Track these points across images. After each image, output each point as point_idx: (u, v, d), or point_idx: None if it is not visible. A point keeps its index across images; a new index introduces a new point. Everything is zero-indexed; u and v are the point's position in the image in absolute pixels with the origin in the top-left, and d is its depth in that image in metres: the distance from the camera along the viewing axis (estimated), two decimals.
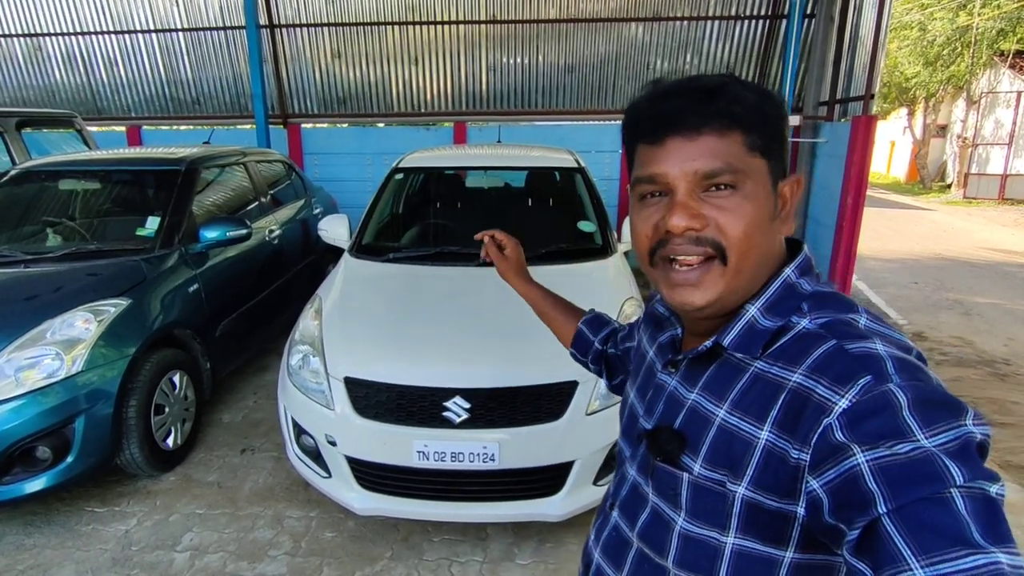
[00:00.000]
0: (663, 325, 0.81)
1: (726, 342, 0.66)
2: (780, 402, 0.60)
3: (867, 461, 0.51)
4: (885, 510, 0.49)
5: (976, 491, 0.49)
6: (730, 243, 0.62)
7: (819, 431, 0.55)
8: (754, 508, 0.61)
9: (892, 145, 24.34)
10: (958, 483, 0.49)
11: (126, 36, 6.82)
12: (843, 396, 0.55)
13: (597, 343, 1.09)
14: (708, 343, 0.67)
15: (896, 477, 0.50)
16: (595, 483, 2.29)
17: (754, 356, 0.64)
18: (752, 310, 0.66)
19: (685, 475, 0.66)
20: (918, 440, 0.50)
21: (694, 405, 0.68)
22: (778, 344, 0.63)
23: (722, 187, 0.62)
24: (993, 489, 0.49)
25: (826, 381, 0.57)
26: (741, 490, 0.61)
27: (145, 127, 7.20)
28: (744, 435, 0.61)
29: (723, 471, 0.63)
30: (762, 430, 0.60)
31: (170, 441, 2.88)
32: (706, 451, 0.64)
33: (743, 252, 0.63)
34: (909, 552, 0.47)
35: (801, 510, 0.57)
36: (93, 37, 6.87)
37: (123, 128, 7.18)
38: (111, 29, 6.80)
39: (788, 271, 0.66)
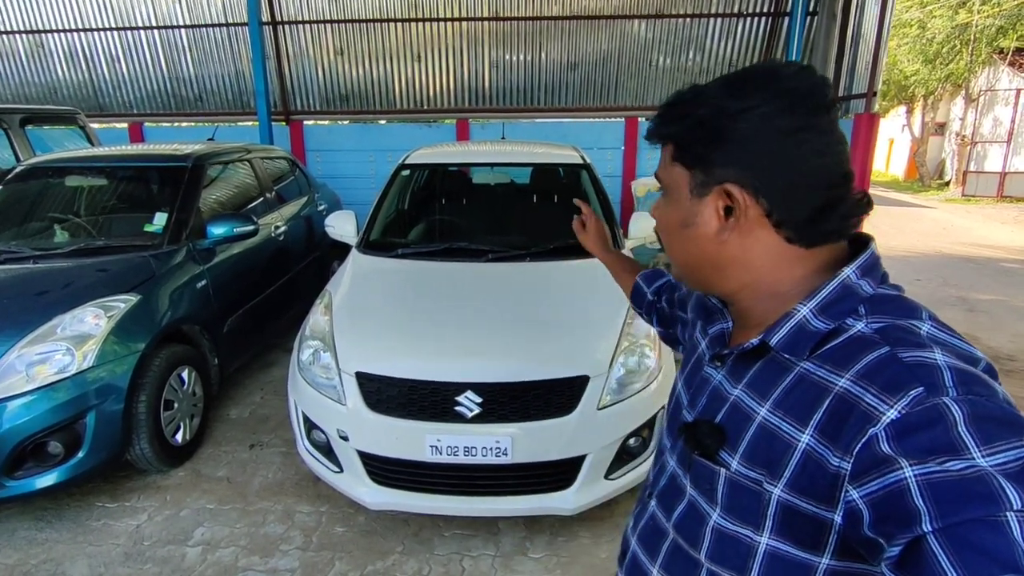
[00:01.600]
0: (714, 317, 0.80)
1: (773, 341, 0.64)
2: (824, 407, 0.58)
3: (915, 476, 0.49)
4: (931, 528, 0.47)
5: None
6: (660, 237, 0.75)
7: (863, 440, 0.53)
8: (789, 511, 0.59)
9: (891, 143, 24.40)
10: (1015, 507, 0.46)
11: (128, 32, 6.81)
12: (892, 407, 0.52)
13: (650, 294, 1.15)
14: (755, 340, 0.66)
15: (946, 495, 0.47)
16: (607, 477, 2.30)
17: (801, 357, 0.62)
18: (804, 310, 0.63)
19: (722, 471, 0.65)
20: (973, 458, 0.48)
21: (736, 401, 0.67)
22: (828, 346, 0.61)
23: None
24: None
25: (875, 389, 0.54)
26: (777, 491, 0.60)
27: (147, 124, 7.20)
28: (784, 436, 0.60)
29: (761, 470, 0.61)
30: (804, 433, 0.58)
31: (179, 437, 2.88)
32: (745, 448, 0.64)
33: (666, 245, 0.74)
34: (955, 575, 0.45)
35: (838, 518, 0.56)
36: (95, 34, 6.86)
37: (125, 125, 7.17)
38: (113, 26, 6.79)
39: (848, 271, 0.63)
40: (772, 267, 0.66)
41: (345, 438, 2.27)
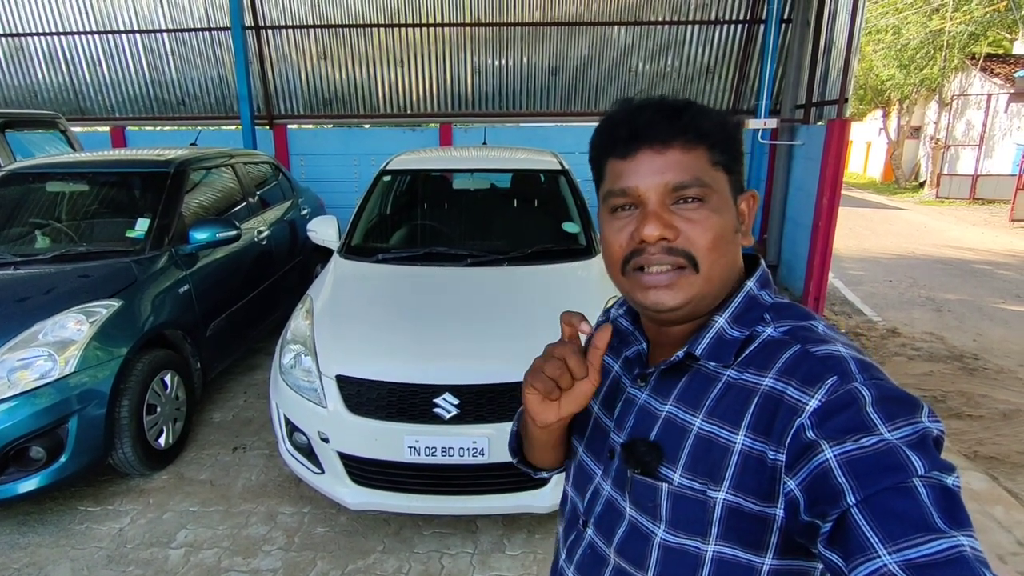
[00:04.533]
0: (627, 340, 0.81)
1: (697, 351, 0.68)
2: (753, 406, 0.62)
3: (835, 456, 0.54)
4: (854, 501, 0.51)
5: (935, 481, 0.51)
6: (700, 253, 0.65)
7: (792, 431, 0.58)
8: (735, 513, 0.62)
9: (868, 146, 24.84)
10: (919, 473, 0.51)
11: (109, 36, 6.76)
12: (813, 396, 0.58)
13: None
14: (680, 353, 0.69)
15: (863, 469, 0.52)
16: None
17: (725, 364, 0.66)
18: (720, 321, 0.68)
19: (664, 486, 0.66)
20: (882, 434, 0.53)
21: (669, 416, 0.69)
22: (746, 352, 0.66)
23: (690, 200, 0.65)
24: (950, 480, 0.52)
25: (796, 383, 0.59)
26: (721, 496, 0.62)
27: (129, 128, 7.16)
28: (721, 441, 0.63)
29: (703, 479, 0.63)
30: (738, 435, 0.62)
31: (162, 440, 2.91)
32: (685, 460, 0.65)
33: (712, 261, 0.66)
34: (877, 540, 0.49)
35: (780, 512, 0.59)
36: (76, 37, 6.80)
37: (107, 128, 7.12)
38: (94, 29, 6.75)
39: (750, 284, 0.70)
40: (736, 276, 0.71)
41: (326, 440, 2.33)
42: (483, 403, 2.28)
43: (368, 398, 2.31)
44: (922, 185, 18.88)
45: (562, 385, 0.67)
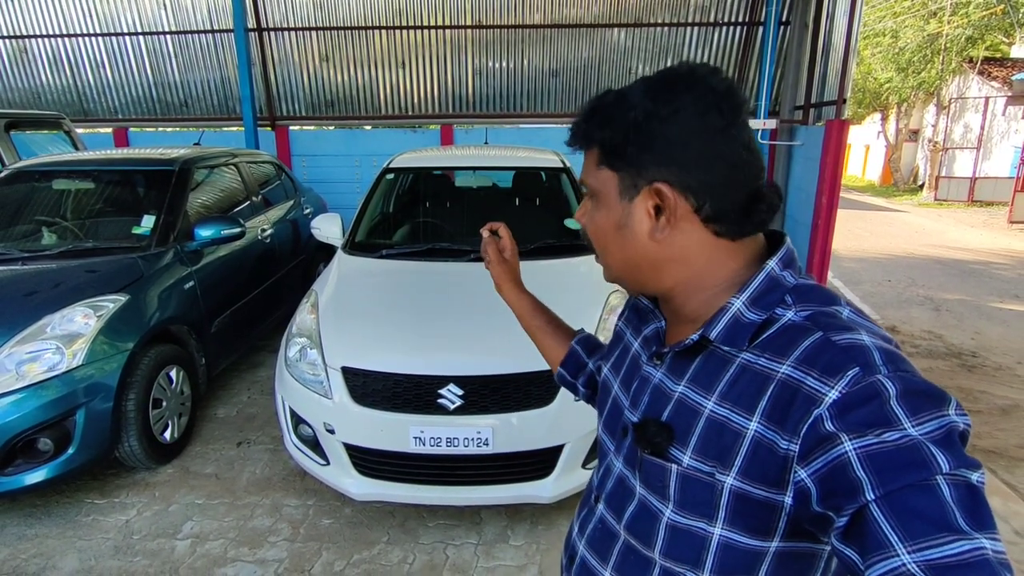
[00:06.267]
0: (647, 317, 0.81)
1: (712, 335, 0.66)
2: (769, 393, 0.60)
3: (855, 449, 0.52)
4: (873, 497, 0.50)
5: (960, 479, 0.50)
6: (594, 245, 0.75)
7: (809, 422, 0.56)
8: (742, 499, 0.61)
9: (867, 149, 24.93)
10: (944, 470, 0.49)
11: (113, 38, 6.81)
12: (833, 387, 0.55)
13: (591, 364, 1.03)
14: (695, 336, 0.67)
15: (884, 464, 0.50)
16: (584, 466, 2.40)
17: (740, 348, 0.64)
18: (737, 303, 0.65)
19: (673, 467, 0.66)
20: (905, 428, 0.51)
21: (681, 397, 0.68)
22: (764, 336, 0.63)
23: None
24: (975, 477, 0.50)
25: (816, 373, 0.57)
26: (730, 480, 0.61)
27: (132, 129, 7.20)
28: (733, 426, 0.62)
29: (712, 462, 0.63)
30: (751, 421, 0.60)
31: (167, 434, 2.93)
32: (695, 443, 0.65)
33: (603, 253, 0.74)
34: (896, 538, 0.48)
35: (788, 499, 0.58)
36: (79, 39, 6.85)
37: (110, 130, 7.16)
38: (98, 31, 6.80)
39: (772, 263, 0.66)
40: (707, 262, 0.68)
41: (331, 431, 2.35)
42: (487, 394, 2.30)
43: (373, 389, 2.34)
44: (921, 188, 18.95)
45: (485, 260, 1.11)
